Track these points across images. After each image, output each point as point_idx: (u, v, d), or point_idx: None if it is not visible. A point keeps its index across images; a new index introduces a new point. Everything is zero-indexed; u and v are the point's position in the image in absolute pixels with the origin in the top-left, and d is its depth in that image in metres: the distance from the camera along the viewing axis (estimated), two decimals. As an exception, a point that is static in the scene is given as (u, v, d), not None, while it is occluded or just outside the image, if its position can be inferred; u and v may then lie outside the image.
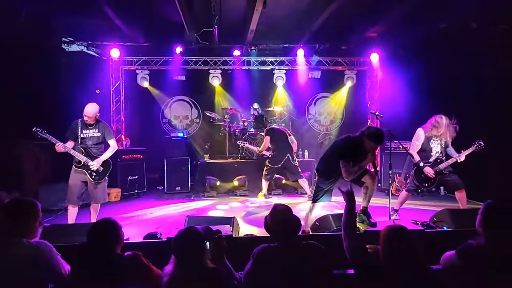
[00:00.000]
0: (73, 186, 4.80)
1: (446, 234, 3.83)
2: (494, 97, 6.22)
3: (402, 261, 2.06)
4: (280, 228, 2.38)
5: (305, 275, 2.22)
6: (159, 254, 2.60)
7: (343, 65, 9.94)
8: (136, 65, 9.43)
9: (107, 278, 2.13)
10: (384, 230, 2.20)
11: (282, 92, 10.21)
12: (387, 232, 2.17)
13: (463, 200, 5.12)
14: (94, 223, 2.52)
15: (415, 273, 2.06)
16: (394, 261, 2.09)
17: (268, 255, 2.30)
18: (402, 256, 2.07)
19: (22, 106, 6.26)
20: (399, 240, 2.08)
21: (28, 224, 2.35)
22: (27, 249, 2.21)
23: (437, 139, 5.23)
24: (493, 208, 2.37)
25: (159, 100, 10.03)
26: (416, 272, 2.07)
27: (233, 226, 3.91)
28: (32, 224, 2.37)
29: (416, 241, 2.10)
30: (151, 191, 8.44)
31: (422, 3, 6.33)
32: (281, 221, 2.38)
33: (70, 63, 8.21)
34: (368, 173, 4.47)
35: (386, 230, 2.19)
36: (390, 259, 2.11)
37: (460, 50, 7.11)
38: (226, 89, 10.12)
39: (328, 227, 4.13)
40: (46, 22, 7.17)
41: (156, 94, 9.87)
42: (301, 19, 8.12)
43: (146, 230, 4.61)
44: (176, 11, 6.56)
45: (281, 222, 2.38)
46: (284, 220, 2.39)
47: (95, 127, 4.91)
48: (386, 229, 2.20)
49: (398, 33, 8.11)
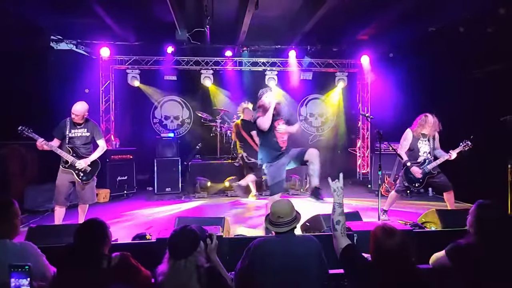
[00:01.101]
0: (61, 186, 4.71)
1: (434, 234, 3.85)
2: (482, 98, 6.31)
3: (392, 261, 2.06)
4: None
5: (303, 264, 2.27)
6: (148, 255, 2.57)
7: (334, 67, 10.01)
8: (127, 65, 9.35)
9: (94, 279, 2.10)
10: (374, 229, 2.20)
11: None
12: (377, 231, 2.16)
13: (451, 201, 5.17)
14: (81, 224, 2.48)
15: (405, 272, 2.06)
16: (383, 261, 2.09)
17: (267, 246, 2.36)
18: (392, 256, 2.06)
19: (9, 105, 6.15)
20: (389, 239, 2.08)
21: (9, 223, 2.30)
22: (11, 250, 2.16)
23: (425, 140, 5.29)
24: (485, 207, 2.39)
25: (149, 100, 9.96)
26: (406, 272, 2.07)
27: (223, 226, 3.89)
28: (13, 222, 2.32)
29: (406, 240, 2.10)
30: (140, 192, 8.36)
31: (412, 7, 6.41)
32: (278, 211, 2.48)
33: (59, 62, 8.09)
34: (308, 149, 4.54)
35: (376, 229, 2.19)
36: (379, 258, 2.11)
37: (448, 53, 7.20)
38: (218, 89, 10.09)
39: (318, 227, 4.13)
40: (34, 20, 7.05)
41: (149, 93, 9.77)
42: (293, 21, 8.14)
43: (135, 231, 4.56)
44: (168, 10, 6.52)
45: (277, 212, 2.48)
46: (281, 211, 2.48)
47: (84, 126, 4.83)
48: (376, 229, 2.20)
49: (389, 36, 8.19)
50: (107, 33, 8.34)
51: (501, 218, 2.36)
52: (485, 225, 2.32)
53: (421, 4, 6.31)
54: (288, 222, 2.47)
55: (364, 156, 10.45)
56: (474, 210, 2.42)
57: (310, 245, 2.40)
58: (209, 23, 7.47)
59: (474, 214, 2.40)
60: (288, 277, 2.25)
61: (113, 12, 7.13)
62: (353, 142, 10.68)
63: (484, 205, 2.40)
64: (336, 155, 10.38)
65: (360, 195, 7.99)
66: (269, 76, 9.88)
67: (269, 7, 6.95)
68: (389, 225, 2.18)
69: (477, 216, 2.37)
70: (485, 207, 2.39)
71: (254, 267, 2.30)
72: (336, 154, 10.40)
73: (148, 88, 9.73)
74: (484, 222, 2.33)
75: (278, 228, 2.47)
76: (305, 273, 2.27)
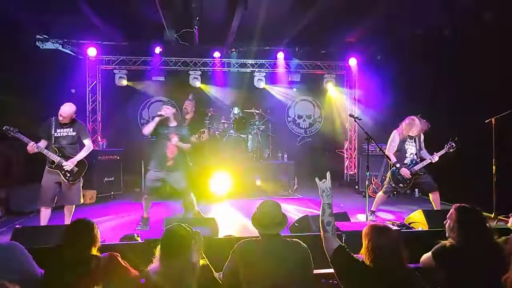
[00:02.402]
0: (46, 187, 4.64)
1: (421, 234, 3.91)
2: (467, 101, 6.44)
3: (385, 258, 2.07)
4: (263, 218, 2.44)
5: (288, 267, 2.25)
6: (136, 255, 2.55)
7: (322, 69, 10.09)
8: (114, 65, 9.25)
9: (83, 279, 2.07)
10: (367, 228, 2.20)
11: (262, 95, 10.24)
12: (369, 230, 2.16)
13: (437, 202, 5.27)
14: (69, 224, 2.45)
15: (397, 270, 2.07)
16: (377, 259, 2.09)
17: (252, 248, 2.35)
18: (385, 253, 2.07)
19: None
20: (383, 236, 2.09)
21: None
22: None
23: (411, 141, 5.38)
24: (463, 210, 2.46)
25: (137, 100, 9.87)
26: (398, 270, 2.08)
27: (212, 227, 3.88)
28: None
29: (399, 238, 2.12)
30: (128, 193, 8.24)
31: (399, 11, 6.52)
32: (265, 212, 2.45)
33: (45, 62, 7.95)
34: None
35: (368, 228, 2.19)
36: (373, 256, 2.11)
37: (435, 55, 7.33)
38: (206, 90, 10.07)
39: (307, 228, 4.15)
40: (19, 19, 6.92)
41: (140, 88, 9.67)
42: (282, 22, 8.16)
43: (123, 232, 4.52)
44: (156, 10, 6.48)
45: (265, 213, 2.45)
46: (268, 212, 2.45)
47: (70, 126, 4.77)
48: (368, 227, 2.19)
49: (376, 38, 8.31)
50: (94, 33, 8.23)
51: (479, 220, 2.41)
52: (465, 226, 2.37)
53: (407, 7, 6.42)
54: (275, 224, 2.44)
55: (351, 158, 10.55)
56: (454, 213, 2.47)
57: (297, 249, 2.38)
58: (198, 23, 7.45)
59: (454, 217, 2.45)
60: (272, 279, 2.22)
61: (100, 11, 7.03)
62: (341, 144, 10.77)
63: (462, 208, 2.47)
64: (323, 156, 10.45)
65: (348, 196, 8.07)
66: (258, 77, 9.89)
67: (258, 8, 6.97)
68: (381, 223, 2.20)
69: (457, 218, 2.42)
70: (462, 210, 2.46)
71: (239, 269, 2.28)
72: (323, 156, 10.47)
73: (138, 84, 9.63)
74: (464, 225, 2.38)
75: (265, 230, 2.43)
76: (289, 277, 2.25)
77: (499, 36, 5.67)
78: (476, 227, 2.38)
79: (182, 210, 5.62)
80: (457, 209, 2.47)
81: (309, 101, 10.95)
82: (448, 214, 2.52)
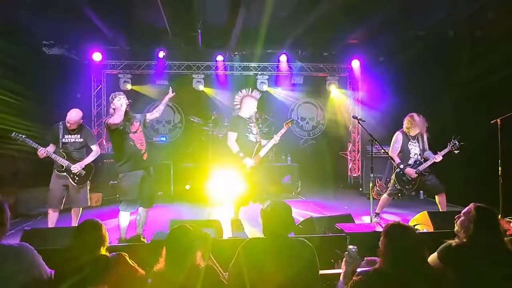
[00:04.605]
0: (54, 190, 4.71)
1: (427, 236, 3.90)
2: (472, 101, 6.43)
3: (408, 259, 1.97)
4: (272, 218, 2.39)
5: (294, 267, 2.22)
6: (142, 257, 2.59)
7: (325, 71, 10.12)
8: (119, 69, 9.34)
9: (92, 279, 2.12)
10: (388, 227, 2.09)
11: (265, 97, 10.27)
12: (391, 229, 2.05)
13: (443, 204, 5.20)
14: (78, 224, 2.49)
15: (420, 272, 1.97)
16: (398, 259, 1.99)
17: (257, 247, 2.32)
18: (408, 254, 1.97)
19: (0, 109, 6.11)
20: (406, 236, 2.00)
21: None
22: (8, 251, 2.16)
23: (415, 141, 5.38)
24: (483, 211, 2.38)
25: (141, 104, 9.92)
26: (421, 270, 1.98)
27: (216, 229, 3.92)
28: (2, 222, 2.27)
29: (421, 237, 2.04)
30: (133, 196, 8.28)
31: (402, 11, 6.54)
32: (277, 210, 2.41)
33: (51, 67, 8.05)
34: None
35: (390, 227, 2.09)
36: (395, 257, 2.00)
37: (437, 56, 7.34)
38: (210, 93, 10.12)
39: (311, 230, 4.16)
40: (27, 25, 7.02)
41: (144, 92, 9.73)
42: (284, 25, 8.21)
43: (129, 234, 4.56)
44: (160, 15, 6.55)
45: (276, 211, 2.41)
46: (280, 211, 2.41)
47: (78, 132, 4.85)
48: (390, 227, 2.09)
49: (379, 40, 8.32)
50: (99, 38, 8.33)
51: (496, 225, 2.34)
52: (482, 227, 2.31)
53: (410, 8, 6.44)
54: (286, 225, 2.40)
55: (355, 160, 10.55)
56: (472, 211, 2.38)
57: (303, 249, 2.34)
58: (201, 27, 7.52)
59: (471, 216, 2.35)
60: (277, 279, 2.18)
61: (105, 17, 7.13)
62: (344, 146, 10.78)
63: (483, 210, 2.37)
64: (327, 159, 10.45)
65: (352, 199, 8.07)
66: (261, 80, 9.94)
67: (260, 11, 7.03)
68: (402, 222, 2.11)
69: (475, 218, 2.33)
70: (483, 212, 2.36)
71: (243, 268, 2.25)
72: (327, 158, 10.47)
73: (142, 88, 9.71)
74: (481, 225, 2.31)
75: (274, 229, 2.39)
76: (295, 277, 2.21)
77: (503, 35, 5.66)
78: (492, 231, 2.31)
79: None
80: (477, 209, 2.37)
81: (312, 103, 10.97)
82: (465, 210, 2.43)
